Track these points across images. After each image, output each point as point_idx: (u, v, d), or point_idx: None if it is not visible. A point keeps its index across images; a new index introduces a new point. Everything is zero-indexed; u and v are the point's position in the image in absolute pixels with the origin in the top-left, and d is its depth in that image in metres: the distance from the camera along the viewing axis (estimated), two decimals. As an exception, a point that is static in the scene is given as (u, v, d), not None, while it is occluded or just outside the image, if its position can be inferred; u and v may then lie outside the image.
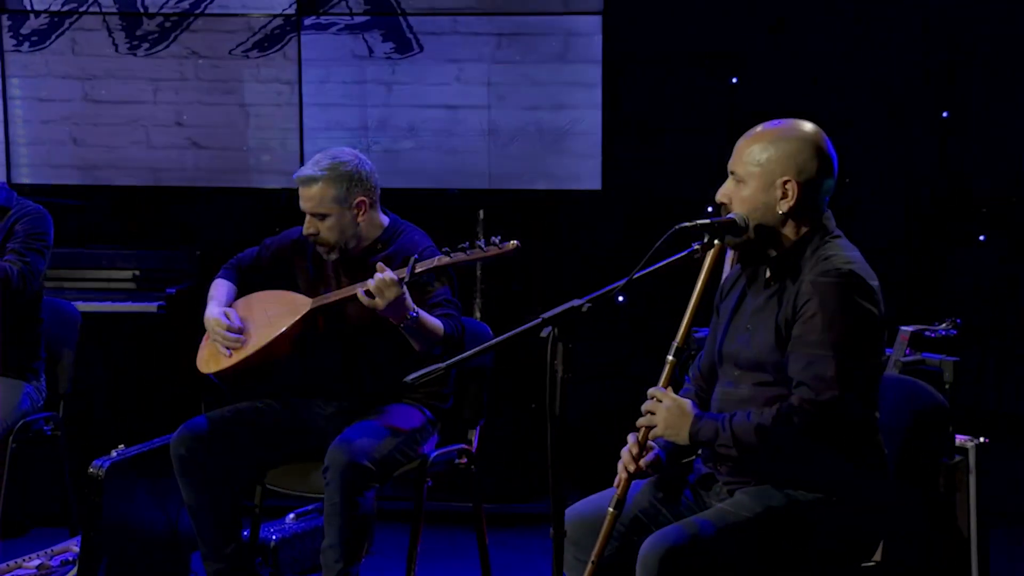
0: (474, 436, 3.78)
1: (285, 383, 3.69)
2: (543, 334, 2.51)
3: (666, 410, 2.68)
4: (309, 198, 3.56)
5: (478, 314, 5.19)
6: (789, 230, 2.69)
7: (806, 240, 2.69)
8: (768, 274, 2.74)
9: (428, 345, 3.42)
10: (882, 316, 2.62)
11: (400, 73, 5.19)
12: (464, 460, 3.69)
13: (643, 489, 2.86)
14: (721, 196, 2.73)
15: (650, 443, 2.76)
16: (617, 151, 5.20)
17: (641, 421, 2.72)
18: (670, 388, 2.72)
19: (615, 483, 2.73)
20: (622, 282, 2.67)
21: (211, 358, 3.62)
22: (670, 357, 2.72)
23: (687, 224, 2.66)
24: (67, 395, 4.26)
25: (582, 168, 5.13)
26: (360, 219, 3.59)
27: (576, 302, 2.52)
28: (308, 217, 3.59)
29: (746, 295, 2.79)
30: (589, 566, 2.68)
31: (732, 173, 2.72)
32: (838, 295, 2.57)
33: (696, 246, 2.71)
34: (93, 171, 5.31)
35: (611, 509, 2.70)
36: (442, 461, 3.64)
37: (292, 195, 3.68)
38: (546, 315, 2.50)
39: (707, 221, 2.69)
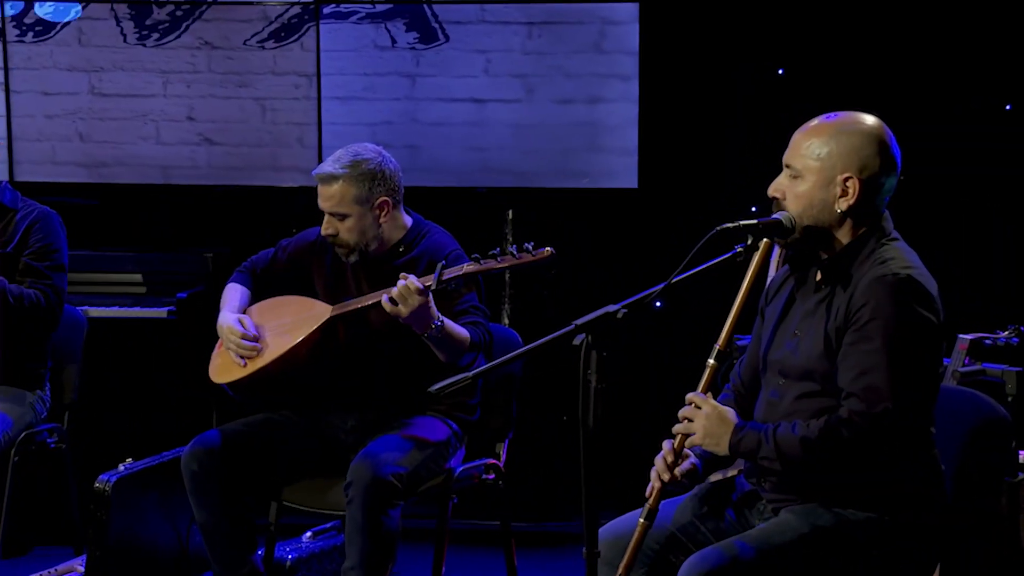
0: (502, 450, 3.80)
1: (303, 394, 3.72)
2: (576, 342, 2.53)
3: (705, 417, 2.69)
4: (328, 197, 3.59)
5: (506, 320, 5.21)
6: (844, 231, 2.69)
7: (862, 242, 2.68)
8: (819, 277, 2.74)
9: (454, 355, 3.44)
10: (940, 325, 2.62)
11: (424, 64, 5.21)
12: (492, 475, 3.71)
13: (682, 506, 2.87)
14: (774, 191, 2.73)
15: (686, 451, 2.77)
16: (655, 147, 5.20)
17: (678, 428, 2.72)
18: (710, 394, 2.73)
19: (647, 492, 2.75)
20: (660, 287, 2.68)
21: (224, 367, 3.65)
22: (711, 361, 2.73)
23: (729, 225, 2.66)
24: (72, 405, 4.29)
25: (618, 166, 5.14)
26: (382, 220, 3.61)
27: (611, 308, 2.53)
28: (327, 217, 3.62)
29: (794, 299, 2.80)
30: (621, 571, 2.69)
31: (788, 167, 2.71)
32: (894, 301, 2.57)
33: (739, 248, 2.71)
34: (100, 169, 5.36)
35: (642, 520, 2.71)
36: (468, 476, 3.66)
37: (310, 194, 3.70)
38: (579, 321, 2.52)
39: (751, 222, 2.69)
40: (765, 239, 2.72)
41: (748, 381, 2.93)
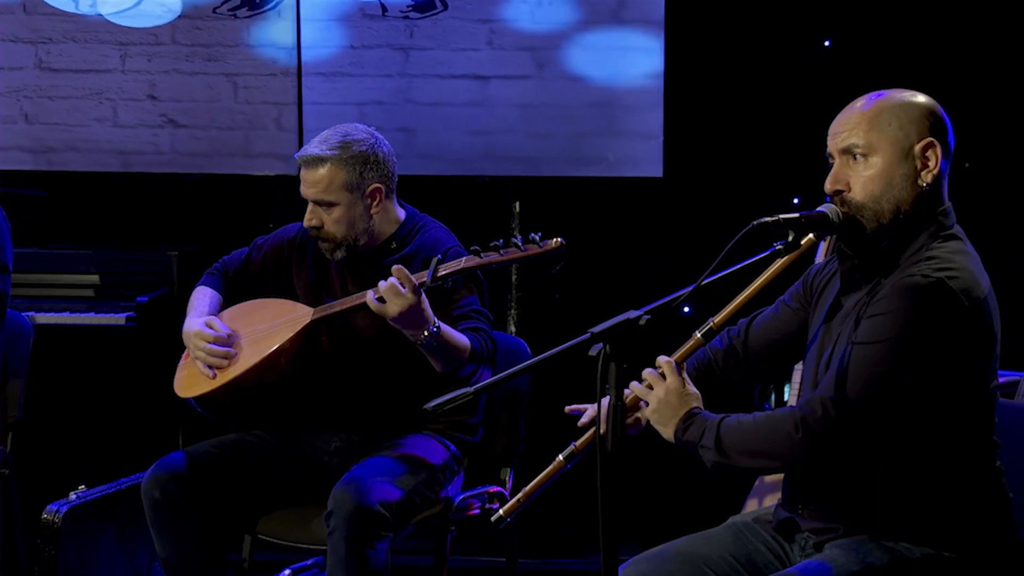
0: (508, 476, 3.82)
1: (280, 411, 3.74)
2: (592, 352, 2.54)
3: (665, 390, 2.76)
4: (314, 183, 3.60)
5: (513, 327, 5.22)
6: (908, 221, 2.70)
7: (912, 235, 2.70)
8: (860, 275, 2.76)
9: (452, 365, 3.45)
10: (981, 335, 2.63)
11: (420, 36, 5.23)
12: (496, 505, 3.72)
13: (711, 537, 2.89)
14: (835, 183, 2.73)
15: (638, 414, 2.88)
16: (683, 131, 5.21)
17: (634, 388, 2.79)
18: (684, 369, 2.79)
19: (580, 422, 3.02)
20: (688, 290, 2.70)
21: (191, 380, 3.66)
22: (698, 335, 2.83)
23: (768, 219, 2.68)
24: (17, 424, 4.29)
25: (640, 151, 5.16)
26: (374, 211, 3.63)
27: (632, 314, 2.54)
28: (311, 206, 3.63)
29: (840, 301, 2.82)
30: (512, 502, 2.98)
31: (845, 152, 2.72)
32: (909, 306, 2.58)
33: (778, 246, 2.73)
34: (48, 154, 5.37)
35: (561, 458, 2.98)
36: (469, 506, 3.68)
37: (289, 184, 3.72)
38: (596, 329, 2.53)
39: (793, 215, 2.70)
40: (808, 235, 2.73)
41: (754, 349, 3.00)
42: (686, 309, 4.65)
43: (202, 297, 3.80)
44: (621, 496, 2.52)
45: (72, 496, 3.90)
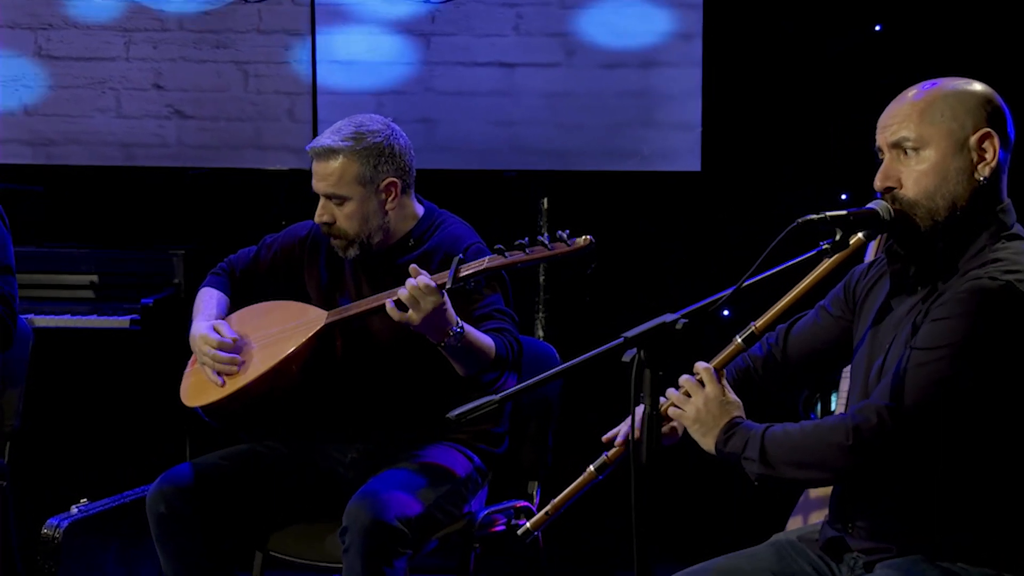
0: (535, 490, 3.82)
1: (293, 420, 3.75)
2: (625, 358, 2.54)
3: (704, 399, 2.76)
4: (326, 176, 3.61)
5: (541, 332, 5.22)
6: (965, 220, 2.69)
7: (971, 235, 2.69)
8: (914, 277, 2.75)
9: (475, 370, 3.46)
10: None
11: (441, 21, 5.23)
12: (523, 521, 3.71)
13: (754, 557, 2.89)
14: (885, 179, 2.72)
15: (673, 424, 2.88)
16: (723, 122, 5.20)
17: (671, 397, 2.79)
18: (724, 376, 2.79)
19: (604, 438, 3.02)
20: (728, 292, 2.69)
21: (198, 388, 3.67)
22: (738, 340, 2.83)
23: (813, 217, 2.67)
24: (15, 434, 4.32)
25: (677, 144, 5.15)
26: (389, 207, 3.64)
27: (668, 317, 2.54)
28: (322, 201, 3.64)
29: (889, 304, 2.81)
30: (540, 515, 3.03)
31: (895, 145, 2.72)
32: (976, 311, 2.57)
33: (825, 245, 2.72)
34: (48, 148, 5.40)
35: (592, 469, 3.00)
36: (494, 521, 3.68)
37: (302, 178, 3.73)
38: (629, 334, 2.53)
39: (841, 212, 2.69)
40: (858, 235, 2.72)
41: (793, 357, 3.00)
42: (726, 313, 4.64)
43: (208, 299, 3.81)
44: (657, 510, 2.52)
45: (73, 510, 3.92)
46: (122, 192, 5.49)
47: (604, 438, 3.10)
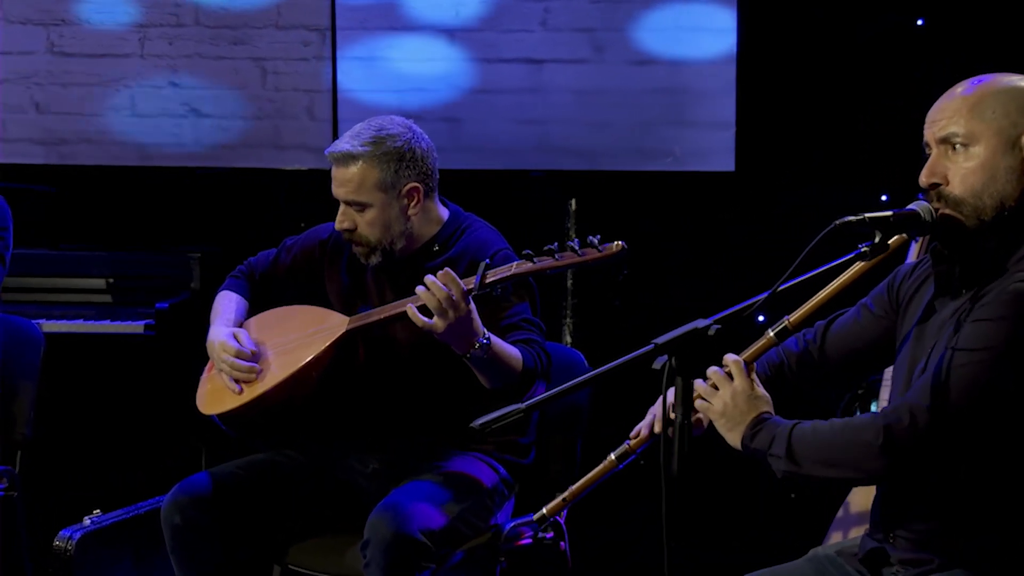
0: (563, 502, 3.82)
1: (313, 429, 3.76)
2: (656, 365, 2.54)
3: (732, 393, 2.76)
4: (345, 182, 3.62)
5: (568, 338, 5.22)
6: (1012, 220, 2.68)
7: (1021, 233, 2.68)
8: (959, 279, 2.75)
9: (502, 381, 3.46)
10: None
11: (466, 15, 5.24)
12: (550, 534, 3.72)
13: (792, 573, 2.88)
14: (931, 176, 2.72)
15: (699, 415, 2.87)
16: (758, 120, 5.19)
17: (699, 389, 2.79)
18: (754, 369, 2.79)
19: (632, 433, 3.03)
20: (763, 296, 2.69)
21: (216, 395, 3.69)
22: (770, 334, 2.82)
23: (852, 218, 2.66)
24: (26, 442, 4.33)
25: (710, 143, 5.14)
26: (411, 212, 3.64)
27: (700, 323, 2.54)
28: (342, 207, 3.65)
29: (933, 307, 2.81)
30: (558, 500, 3.06)
31: (943, 141, 2.71)
32: (1020, 313, 2.58)
33: (864, 248, 2.72)
34: (59, 147, 5.42)
35: (612, 457, 3.04)
36: (520, 534, 3.68)
37: (322, 179, 3.73)
38: (660, 340, 2.53)
39: (881, 214, 2.69)
40: (897, 236, 2.72)
41: (831, 355, 3.00)
42: (761, 318, 4.64)
43: (227, 303, 3.82)
44: (687, 520, 2.51)
45: (86, 521, 3.93)
46: (136, 193, 5.51)
47: (633, 433, 3.11)
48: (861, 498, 3.76)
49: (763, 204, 5.31)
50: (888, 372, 3.78)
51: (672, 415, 2.56)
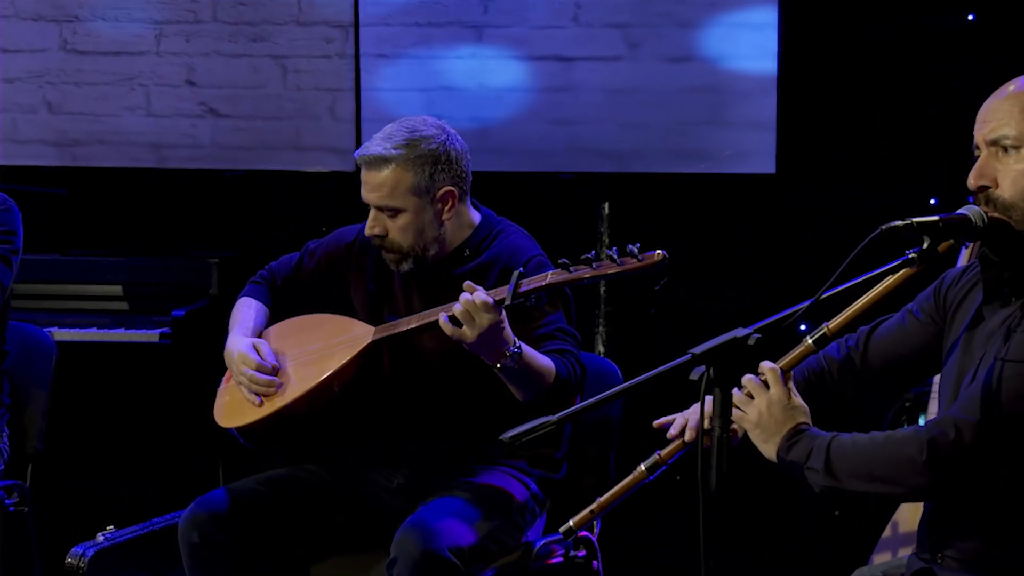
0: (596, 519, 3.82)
1: (336, 443, 3.77)
2: (693, 376, 2.54)
3: (768, 402, 2.75)
4: (377, 186, 3.61)
5: (601, 347, 5.22)
6: None
7: None
8: (1009, 286, 2.74)
9: (534, 392, 3.45)
10: None
11: (495, 11, 5.24)
12: (582, 552, 3.72)
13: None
14: (979, 178, 2.71)
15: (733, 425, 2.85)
16: (800, 120, 5.19)
17: (734, 398, 2.78)
18: (791, 378, 2.78)
19: (669, 434, 3.03)
20: (805, 304, 2.69)
21: (234, 408, 3.70)
22: (809, 341, 2.81)
23: (898, 223, 2.66)
24: (37, 456, 4.35)
25: (750, 144, 5.14)
26: (445, 217, 3.64)
27: (740, 332, 2.54)
28: (373, 212, 3.64)
29: (981, 316, 2.80)
30: (585, 513, 3.06)
31: (993, 143, 2.71)
32: None
33: (911, 254, 2.71)
34: (73, 148, 5.45)
35: (643, 467, 3.01)
36: (552, 552, 3.68)
37: (345, 181, 3.74)
38: (698, 350, 2.53)
39: (929, 218, 2.68)
40: (947, 241, 2.72)
41: (874, 363, 2.98)
42: (803, 327, 4.64)
43: (246, 310, 3.83)
44: (728, 541, 2.51)
45: (99, 537, 3.94)
46: (152, 196, 5.53)
47: (656, 423, 3.10)
48: (909, 515, 3.75)
49: (805, 207, 5.29)
50: (936, 383, 3.77)
51: (710, 427, 2.56)
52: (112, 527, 4.02)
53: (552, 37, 5.20)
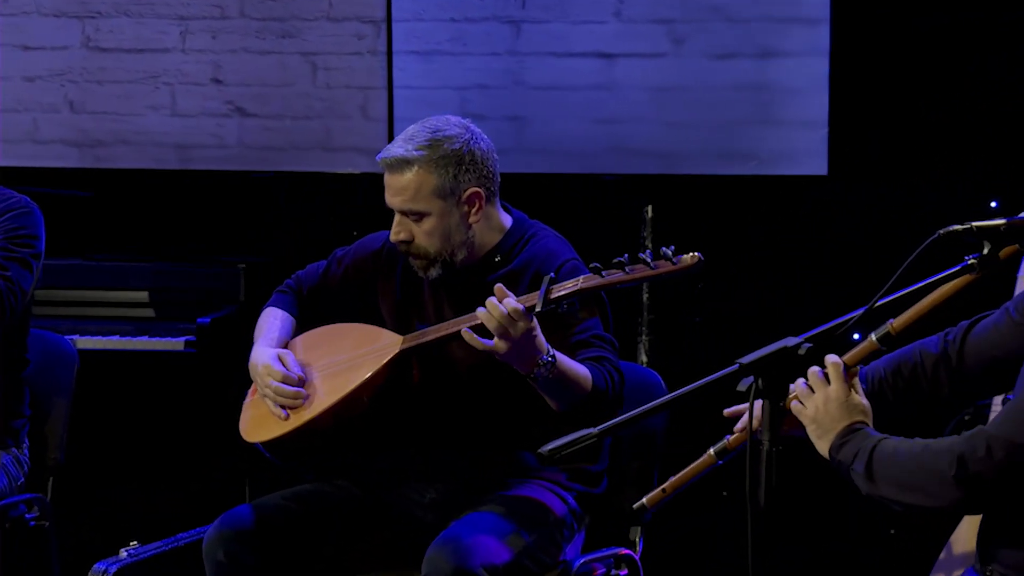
0: (638, 536, 3.80)
1: (365, 457, 3.77)
2: (741, 387, 2.53)
3: (825, 397, 2.75)
4: (400, 189, 3.61)
5: (644, 357, 5.21)
6: None
7: None
8: None
9: (570, 402, 3.44)
10: None
11: (533, 6, 5.24)
12: (624, 571, 3.71)
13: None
14: None
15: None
16: (853, 118, 5.16)
17: (795, 390, 2.79)
18: (855, 374, 2.77)
19: (736, 427, 3.02)
20: (859, 312, 2.67)
21: (260, 422, 3.70)
22: (873, 337, 2.80)
23: (958, 227, 2.65)
24: (58, 468, 4.36)
25: (800, 144, 5.12)
26: (472, 219, 3.63)
27: (790, 341, 2.53)
28: (398, 217, 3.64)
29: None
30: (656, 491, 3.07)
31: None
32: None
33: (971, 260, 2.69)
34: (95, 149, 5.47)
35: (712, 452, 3.04)
36: (592, 571, 3.67)
37: (377, 183, 3.74)
38: (745, 360, 2.53)
39: (992, 222, 2.67)
40: (1009, 247, 2.70)
41: (969, 360, 2.95)
42: (856, 336, 4.62)
43: (272, 321, 3.84)
44: (778, 561, 2.50)
45: (122, 554, 3.95)
46: (177, 198, 5.55)
47: (727, 412, 3.10)
48: (966, 533, 3.72)
49: (858, 210, 5.27)
50: (998, 398, 3.75)
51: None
52: (136, 543, 4.02)
53: (593, 33, 5.20)
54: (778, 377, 2.52)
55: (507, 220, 3.73)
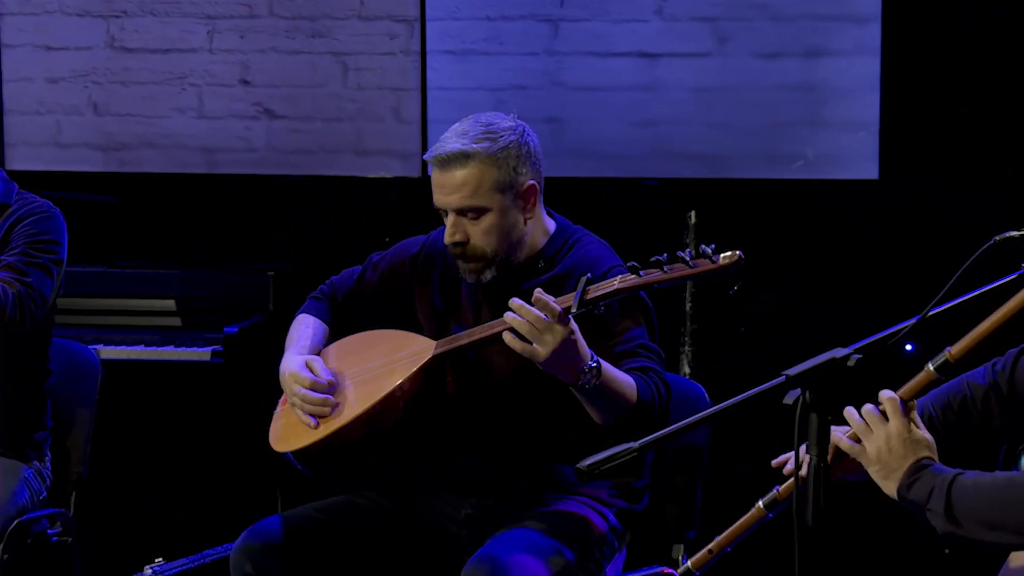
0: (681, 554, 3.80)
1: (397, 468, 3.78)
2: (787, 400, 2.53)
3: (887, 435, 2.73)
4: (458, 186, 3.58)
5: (687, 368, 5.20)
6: None
7: None
8: None
9: (614, 414, 3.43)
10: None
11: (572, 4, 5.24)
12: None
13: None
14: None
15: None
16: (906, 120, 5.15)
17: (855, 425, 2.77)
18: (913, 408, 2.75)
19: (785, 470, 3.04)
20: (911, 322, 2.67)
21: (289, 431, 3.71)
22: (930, 367, 2.77)
23: (1014, 233, 2.64)
24: (81, 482, 4.38)
25: (849, 147, 5.11)
26: (528, 215, 3.61)
27: (839, 352, 2.53)
28: (452, 218, 3.61)
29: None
30: (702, 552, 3.05)
31: None
32: None
33: (1029, 267, 2.69)
34: (120, 152, 5.49)
35: (761, 505, 3.02)
36: (633, 592, 3.68)
37: (411, 187, 3.75)
38: (792, 371, 2.52)
39: (1051, 227, 2.67)
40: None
41: (1021, 388, 2.95)
42: (909, 347, 4.60)
43: (304, 328, 3.84)
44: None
45: (147, 570, 3.97)
46: (204, 203, 5.56)
47: (774, 463, 3.09)
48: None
49: (911, 215, 5.25)
50: None
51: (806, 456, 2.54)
52: (161, 559, 4.05)
53: (634, 31, 5.20)
54: (826, 389, 2.51)
55: (551, 225, 3.72)
